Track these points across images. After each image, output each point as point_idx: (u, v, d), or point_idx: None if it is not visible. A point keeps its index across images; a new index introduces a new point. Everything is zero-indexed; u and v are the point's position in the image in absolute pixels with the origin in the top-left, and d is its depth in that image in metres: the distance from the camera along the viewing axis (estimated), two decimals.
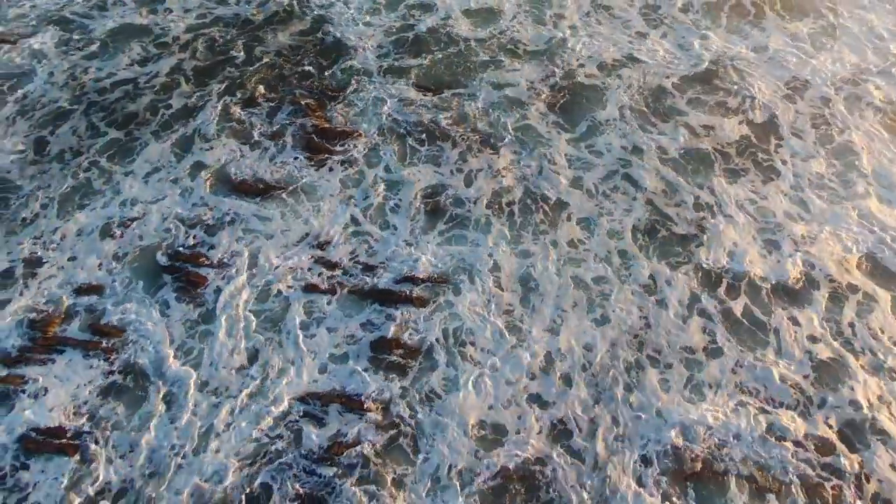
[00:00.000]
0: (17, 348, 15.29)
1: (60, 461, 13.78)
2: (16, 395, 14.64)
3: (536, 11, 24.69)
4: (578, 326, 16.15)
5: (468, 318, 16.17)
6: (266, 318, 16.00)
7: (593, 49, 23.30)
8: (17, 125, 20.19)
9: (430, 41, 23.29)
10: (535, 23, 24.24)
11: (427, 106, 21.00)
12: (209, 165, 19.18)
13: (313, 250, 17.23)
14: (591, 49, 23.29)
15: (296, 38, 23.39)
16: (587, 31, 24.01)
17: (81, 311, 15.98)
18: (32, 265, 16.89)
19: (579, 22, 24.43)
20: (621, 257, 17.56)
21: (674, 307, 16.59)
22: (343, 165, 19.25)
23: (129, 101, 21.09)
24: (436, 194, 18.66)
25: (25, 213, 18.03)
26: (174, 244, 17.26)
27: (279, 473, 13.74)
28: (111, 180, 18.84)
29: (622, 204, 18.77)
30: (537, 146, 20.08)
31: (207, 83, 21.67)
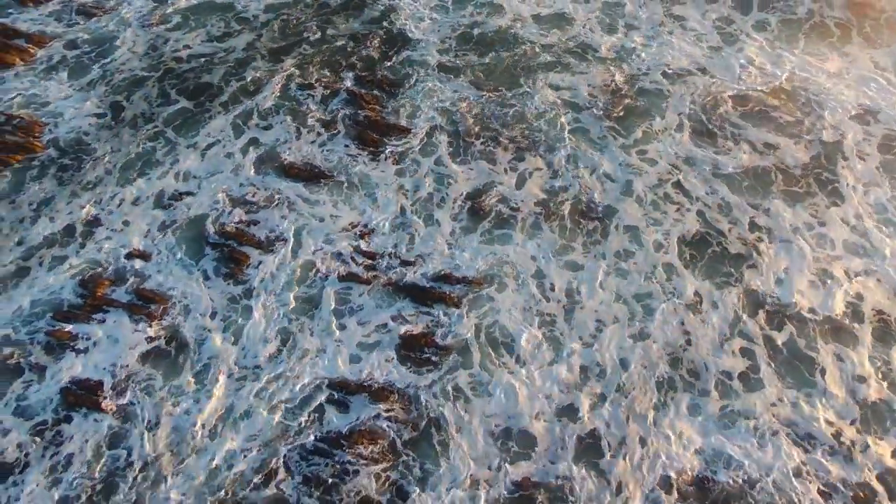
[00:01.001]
0: (68, 305, 15.86)
1: (97, 420, 14.23)
2: (62, 349, 15.20)
3: (608, 20, 23.95)
4: (616, 341, 15.68)
5: (506, 322, 15.88)
6: (301, 303, 16.13)
7: (660, 59, 22.51)
8: (97, 89, 20.98)
9: (495, 41, 22.92)
10: (606, 30, 23.54)
11: (483, 104, 20.69)
12: (263, 144, 19.44)
13: (355, 239, 17.26)
14: (658, 59, 22.51)
15: (365, 25, 23.41)
16: (657, 42, 23.21)
17: (129, 276, 16.45)
18: (90, 226, 17.50)
19: (651, 32, 23.63)
20: (667, 272, 16.96)
21: (716, 329, 15.93)
22: (392, 159, 19.16)
23: (202, 73, 21.60)
24: (483, 194, 18.39)
25: (91, 176, 18.67)
26: (222, 220, 17.55)
27: (297, 455, 13.85)
28: (174, 151, 19.32)
29: (672, 215, 18.12)
30: (591, 150, 19.55)
31: (275, 63, 21.93)
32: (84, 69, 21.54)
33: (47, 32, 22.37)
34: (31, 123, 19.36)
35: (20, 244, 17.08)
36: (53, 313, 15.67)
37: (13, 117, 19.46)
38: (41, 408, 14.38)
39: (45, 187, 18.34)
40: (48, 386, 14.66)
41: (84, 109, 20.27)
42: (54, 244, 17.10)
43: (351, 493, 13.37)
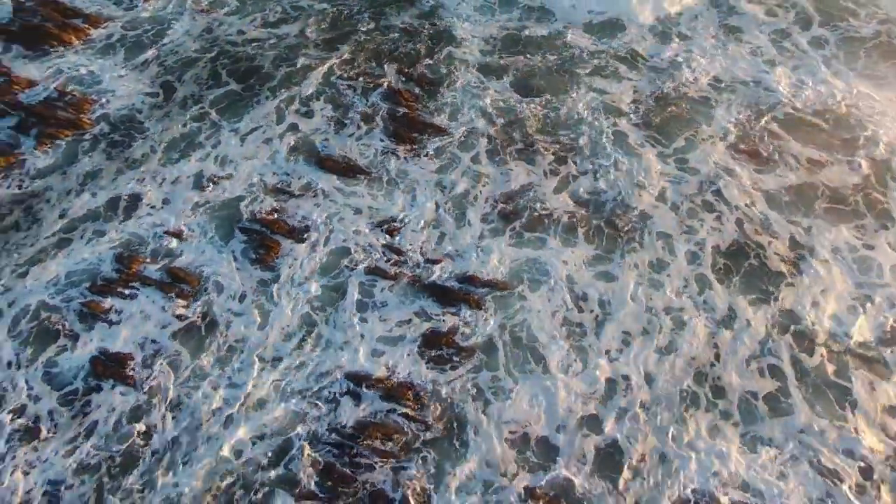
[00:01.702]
0: (104, 278, 16.22)
1: (123, 393, 14.51)
2: (95, 320, 15.54)
3: (661, 28, 23.35)
4: (644, 354, 15.28)
5: (532, 329, 15.61)
6: (326, 293, 16.17)
7: (711, 70, 21.88)
8: (150, 69, 21.48)
9: (542, 44, 22.59)
10: (658, 39, 22.98)
11: (523, 107, 20.42)
12: (302, 133, 19.55)
13: (384, 235, 17.22)
14: (708, 69, 21.89)
15: (413, 19, 23.38)
16: (709, 52, 22.54)
17: (163, 254, 16.74)
18: (132, 202, 17.84)
19: (704, 42, 22.96)
20: (700, 285, 16.46)
21: (746, 348, 15.39)
22: (426, 157, 19.05)
23: (253, 58, 21.90)
24: (516, 197, 18.15)
25: (138, 154, 19.08)
26: (255, 207, 17.70)
27: (310, 444, 13.87)
28: (217, 133, 19.60)
29: (709, 226, 17.61)
30: (630, 158, 19.12)
31: (323, 52, 22.08)
32: (139, 50, 22.03)
33: (104, 14, 22.95)
34: (82, 100, 19.89)
35: (63, 216, 17.53)
36: (89, 285, 16.05)
37: (65, 94, 20.02)
38: (72, 376, 14.73)
39: (94, 161, 18.82)
40: (79, 355, 15.01)
41: (137, 88, 20.75)
42: (97, 218, 17.52)
43: (363, 487, 13.33)
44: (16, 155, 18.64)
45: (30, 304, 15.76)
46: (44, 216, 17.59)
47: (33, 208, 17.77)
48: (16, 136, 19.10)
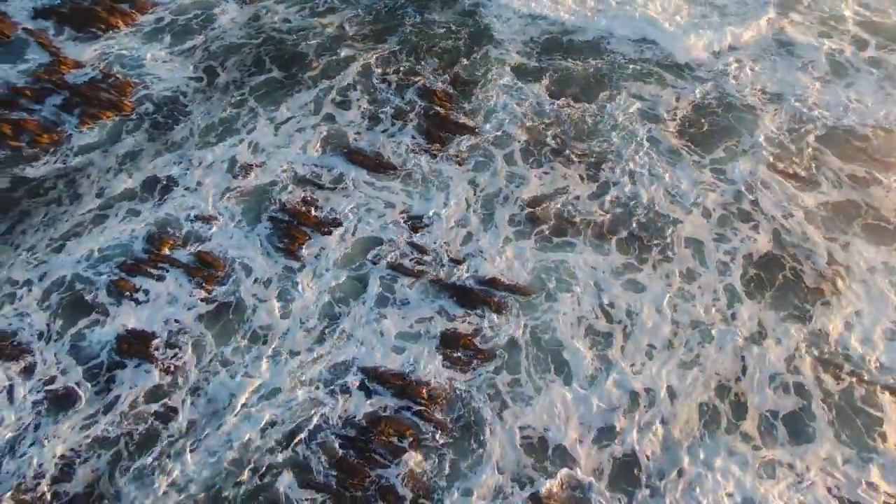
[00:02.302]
0: (134, 258, 16.47)
1: (147, 371, 14.69)
2: (123, 298, 15.79)
3: (708, 40, 22.66)
4: (667, 367, 14.90)
5: (554, 335, 15.32)
6: (348, 287, 16.13)
7: (758, 82, 21.26)
8: (196, 55, 21.83)
9: (583, 48, 22.26)
10: (706, 49, 22.37)
11: (558, 112, 20.09)
12: (335, 126, 19.56)
13: (409, 232, 17.12)
14: (755, 81, 21.27)
15: (455, 17, 23.22)
16: (759, 65, 21.89)
17: (193, 238, 16.93)
18: (167, 185, 18.09)
19: (754, 54, 22.30)
20: (730, 298, 15.99)
21: (772, 366, 14.90)
22: (456, 157, 18.86)
23: (295, 47, 22.05)
24: (545, 201, 17.85)
25: (178, 137, 19.38)
26: (283, 196, 17.76)
27: (324, 435, 13.85)
28: (253, 120, 19.77)
29: (742, 238, 17.11)
30: (665, 166, 18.70)
31: (364, 45, 22.13)
32: (186, 35, 22.39)
33: (150, 0, 23.34)
34: (124, 83, 20.26)
35: (100, 195, 17.87)
36: (120, 263, 16.32)
37: (109, 76, 20.42)
38: (98, 350, 14.98)
39: (135, 141, 19.17)
40: (106, 331, 15.25)
41: (181, 73, 21.09)
42: (133, 197, 17.81)
43: (373, 481, 13.24)
44: (59, 132, 19.10)
45: (62, 277, 16.11)
46: (84, 192, 17.96)
47: (75, 183, 18.16)
48: (60, 114, 19.58)
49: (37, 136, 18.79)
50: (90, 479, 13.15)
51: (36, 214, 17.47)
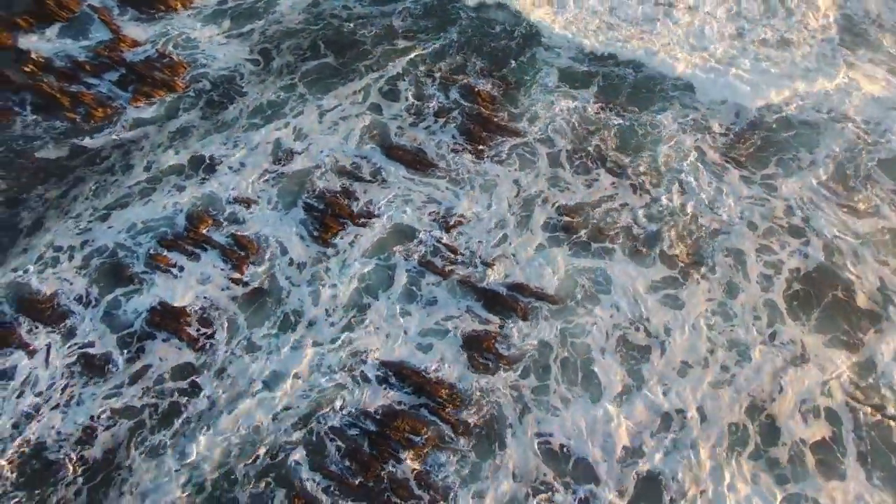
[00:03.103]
0: (173, 234, 16.70)
1: (176, 347, 14.88)
2: (159, 272, 16.03)
3: (773, 57, 21.64)
4: (700, 386, 14.36)
5: (586, 345, 14.91)
6: (376, 280, 16.02)
7: (821, 103, 20.25)
8: (253, 38, 22.00)
9: (636, 58, 21.46)
10: (771, 68, 21.27)
11: (604, 119, 19.50)
12: (380, 118, 19.44)
13: (441, 230, 16.87)
14: (818, 102, 20.27)
15: (510, 16, 22.75)
16: (824, 86, 20.74)
17: (230, 219, 17.06)
18: (212, 164, 18.29)
19: (819, 75, 21.13)
20: (772, 317, 15.35)
21: (810, 392, 14.26)
22: (494, 159, 18.50)
23: (353, 34, 22.01)
24: (583, 209, 17.38)
25: (228, 117, 19.59)
26: (321, 185, 17.71)
27: (339, 423, 13.81)
28: (302, 105, 19.82)
29: (789, 256, 16.43)
30: (712, 179, 18.04)
31: (418, 38, 21.87)
32: (245, 18, 22.55)
33: None
34: (178, 64, 20.56)
35: (148, 168, 18.19)
36: (159, 238, 16.58)
37: (164, 55, 20.75)
38: (132, 319, 15.23)
39: (188, 119, 19.47)
40: (140, 302, 15.51)
41: (237, 54, 21.29)
42: (180, 173, 18.05)
43: (385, 475, 13.13)
44: (113, 107, 19.52)
45: (104, 245, 16.47)
46: (134, 164, 18.33)
47: (128, 156, 18.54)
48: (115, 90, 20.01)
49: (92, 109, 19.24)
50: (111, 447, 13.40)
51: (88, 182, 17.91)
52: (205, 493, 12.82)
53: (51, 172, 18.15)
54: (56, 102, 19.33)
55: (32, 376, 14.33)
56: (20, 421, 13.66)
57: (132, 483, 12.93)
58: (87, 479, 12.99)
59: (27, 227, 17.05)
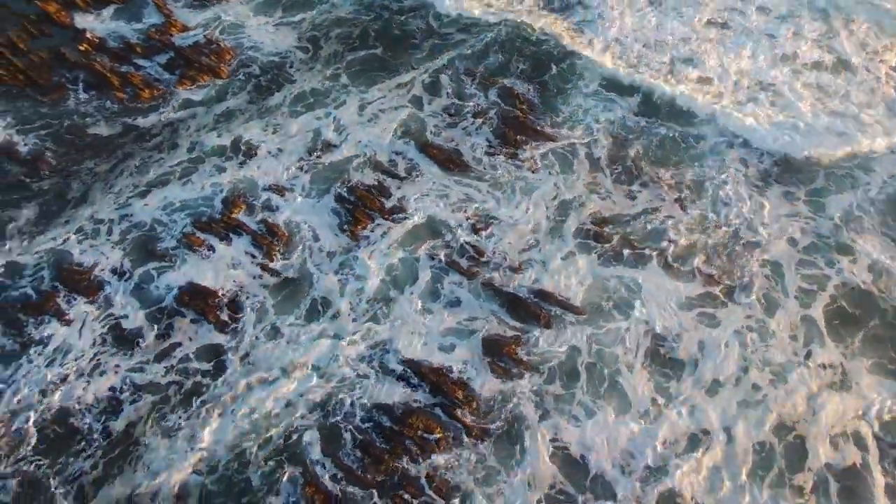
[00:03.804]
0: (208, 216, 16.90)
1: (202, 327, 15.05)
2: (192, 252, 16.25)
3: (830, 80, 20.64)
4: (729, 407, 13.84)
5: (611, 358, 14.47)
6: (402, 277, 15.87)
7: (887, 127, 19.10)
8: (304, 25, 22.18)
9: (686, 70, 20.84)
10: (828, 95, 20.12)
11: (645, 130, 18.90)
12: (419, 115, 19.29)
13: (470, 231, 16.62)
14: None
15: (561, 20, 22.13)
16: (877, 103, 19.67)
17: (263, 206, 17.17)
18: (251, 149, 18.46)
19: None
20: (809, 336, 14.70)
21: (844, 421, 13.60)
22: (528, 163, 18.11)
23: (401, 27, 21.98)
24: (616, 219, 16.89)
25: (272, 103, 19.79)
26: (356, 179, 17.67)
27: (355, 413, 13.78)
28: (344, 95, 19.85)
29: (832, 273, 15.73)
30: (754, 194, 17.33)
31: (466, 34, 21.62)
32: (297, 7, 22.66)
33: None
34: (224, 50, 20.83)
35: (191, 149, 18.46)
36: (194, 219, 16.78)
37: (212, 42, 21.04)
38: (164, 295, 15.45)
39: (236, 103, 19.73)
40: (171, 279, 15.74)
41: (285, 42, 21.46)
42: (221, 154, 18.29)
43: (396, 471, 13.00)
44: (159, 90, 19.89)
45: (142, 221, 16.79)
46: (180, 144, 18.66)
47: (176, 135, 18.91)
48: (162, 73, 20.39)
49: (139, 90, 19.65)
50: (133, 420, 13.61)
51: (134, 159, 18.32)
52: (216, 473, 12.91)
53: (100, 148, 18.61)
54: (107, 81, 19.79)
55: (65, 345, 14.69)
56: (48, 388, 14.02)
57: (147, 459, 13.11)
58: (105, 452, 13.24)
59: (74, 198, 17.51)
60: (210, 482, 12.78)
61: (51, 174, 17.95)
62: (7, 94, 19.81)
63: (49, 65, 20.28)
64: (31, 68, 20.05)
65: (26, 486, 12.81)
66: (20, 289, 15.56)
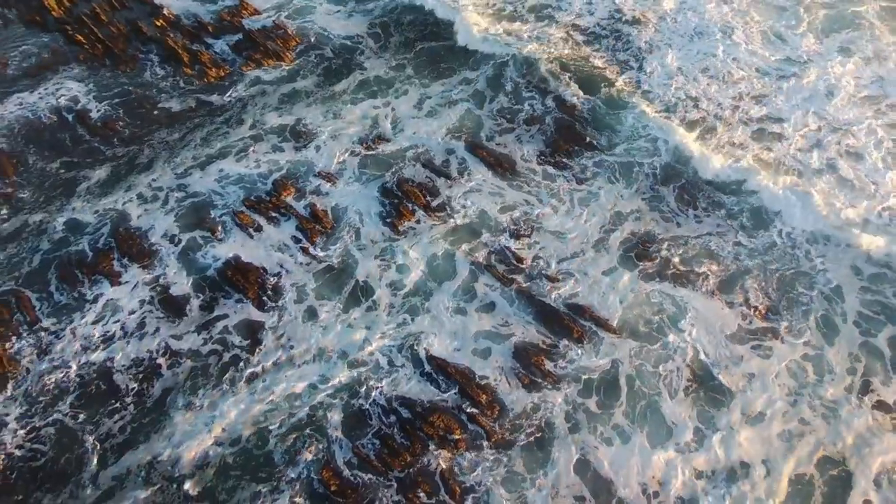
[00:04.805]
0: (257, 196, 17.13)
1: (242, 303, 15.25)
2: (240, 230, 16.53)
3: None
4: (772, 440, 13.02)
5: (640, 383, 13.89)
6: (440, 275, 15.72)
7: None
8: (376, 13, 22.48)
9: None
10: None
11: (696, 151, 17.76)
12: (474, 113, 19.12)
13: (512, 236, 16.32)
14: None
15: (624, 24, 21.43)
16: None
17: (312, 191, 17.30)
18: (308, 133, 18.66)
19: None
20: (868, 365, 13.79)
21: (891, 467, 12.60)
22: (576, 172, 17.63)
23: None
24: (663, 239, 16.16)
25: (337, 88, 20.00)
26: (405, 173, 17.61)
27: (375, 402, 13.72)
28: (406, 85, 19.93)
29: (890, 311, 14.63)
30: (813, 219, 16.21)
31: (537, 34, 21.13)
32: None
33: None
34: (290, 37, 21.10)
35: (253, 127, 18.77)
36: (245, 197, 17.04)
37: (280, 27, 21.35)
38: (208, 266, 15.79)
39: (304, 86, 20.03)
40: (219, 252, 16.06)
41: (355, 30, 21.69)
42: (279, 137, 18.53)
43: (413, 466, 12.87)
44: (225, 69, 20.31)
45: (197, 192, 17.23)
46: (245, 120, 19.07)
47: (242, 112, 19.34)
48: (229, 53, 20.81)
49: (207, 68, 20.13)
50: (168, 386, 13.93)
51: (199, 132, 18.86)
52: (238, 446, 13.09)
53: (168, 120, 19.22)
54: (177, 57, 20.37)
55: (113, 305, 15.15)
56: (92, 345, 14.47)
57: (171, 427, 13.39)
58: (136, 416, 13.58)
59: (140, 164, 18.17)
60: (230, 454, 12.97)
61: (120, 141, 18.58)
62: (88, 61, 20.61)
63: (126, 37, 21.02)
64: (110, 39, 20.81)
65: (63, 438, 13.31)
66: (79, 246, 16.16)
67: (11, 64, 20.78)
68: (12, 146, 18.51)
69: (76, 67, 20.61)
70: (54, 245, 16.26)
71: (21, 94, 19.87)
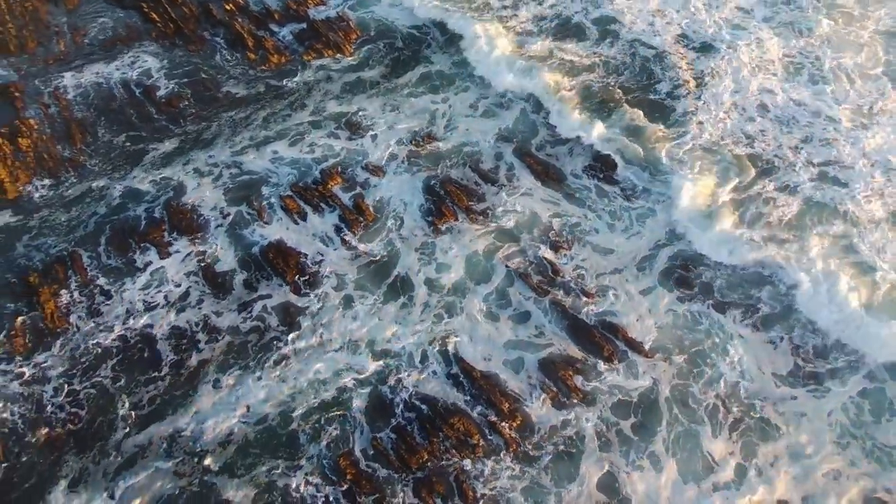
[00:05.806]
0: (304, 183, 17.29)
1: (280, 285, 15.40)
2: (284, 213, 16.71)
3: None
4: (817, 484, 12.35)
5: (693, 413, 13.34)
6: (476, 278, 15.50)
7: None
8: (448, 4, 22.03)
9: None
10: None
11: (749, 178, 16.87)
12: (527, 118, 18.75)
13: (550, 248, 15.93)
14: None
15: (692, 39, 20.57)
16: None
17: (358, 183, 17.33)
18: (363, 123, 18.71)
19: None
20: None
21: None
22: (622, 190, 17.03)
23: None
24: (708, 264, 15.41)
25: (399, 81, 19.95)
26: (451, 173, 17.43)
27: (397, 398, 13.66)
28: (466, 81, 19.76)
29: None
30: (847, 246, 15.35)
31: (597, 48, 20.67)
32: None
33: None
34: (352, 30, 21.15)
35: (314, 113, 18.96)
36: (293, 183, 17.20)
37: (343, 19, 21.43)
38: (252, 244, 16.05)
39: (370, 76, 20.11)
40: (265, 233, 16.27)
41: (424, 21, 21.53)
42: (336, 125, 18.65)
43: (428, 465, 12.75)
44: (288, 57, 20.52)
45: (250, 171, 17.53)
46: (307, 106, 19.26)
47: (305, 97, 19.53)
48: (292, 42, 21.03)
49: (269, 54, 20.41)
50: (204, 359, 14.16)
51: (260, 114, 19.15)
52: (262, 425, 13.28)
53: (232, 100, 19.56)
54: (243, 42, 20.73)
55: (159, 275, 15.54)
56: (136, 311, 14.88)
57: (199, 403, 13.62)
58: (169, 387, 13.85)
59: (202, 140, 18.53)
60: (253, 433, 13.16)
61: (184, 119, 19.03)
62: (160, 39, 21.19)
63: (197, 18, 21.52)
64: (182, 19, 21.34)
65: (100, 400, 13.73)
66: (133, 214, 16.63)
67: (89, 35, 21.54)
68: (84, 115, 19.19)
69: (150, 44, 21.21)
70: (111, 210, 16.80)
71: (97, 66, 20.56)
